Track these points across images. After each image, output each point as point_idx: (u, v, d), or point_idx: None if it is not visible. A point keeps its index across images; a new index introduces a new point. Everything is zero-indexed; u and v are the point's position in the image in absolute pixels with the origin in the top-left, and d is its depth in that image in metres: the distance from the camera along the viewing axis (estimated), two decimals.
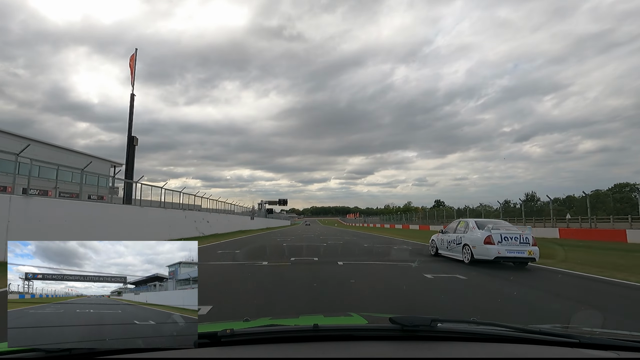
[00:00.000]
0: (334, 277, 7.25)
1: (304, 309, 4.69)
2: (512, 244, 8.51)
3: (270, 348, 1.09)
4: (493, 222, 9.71)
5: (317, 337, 1.15)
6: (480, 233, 8.96)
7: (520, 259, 8.53)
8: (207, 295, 5.11)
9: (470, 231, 9.40)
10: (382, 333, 1.22)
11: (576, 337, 1.21)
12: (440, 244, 10.96)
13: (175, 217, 20.80)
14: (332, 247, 15.60)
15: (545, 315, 4.50)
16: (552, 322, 2.39)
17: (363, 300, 5.41)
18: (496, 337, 1.22)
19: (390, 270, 8.60)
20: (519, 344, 1.20)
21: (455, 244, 9.97)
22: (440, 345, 1.17)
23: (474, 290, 6.17)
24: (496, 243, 8.48)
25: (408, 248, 15.21)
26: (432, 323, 1.18)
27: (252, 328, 1.22)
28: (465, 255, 9.24)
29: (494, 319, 2.99)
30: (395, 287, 6.35)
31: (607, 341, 1.20)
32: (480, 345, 1.19)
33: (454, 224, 10.63)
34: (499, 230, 8.71)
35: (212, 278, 7.10)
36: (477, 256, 8.82)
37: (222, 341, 1.06)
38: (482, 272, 7.95)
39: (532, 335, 1.22)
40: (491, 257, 8.45)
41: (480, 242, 8.74)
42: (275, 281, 6.83)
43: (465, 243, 9.35)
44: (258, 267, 9.07)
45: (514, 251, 8.45)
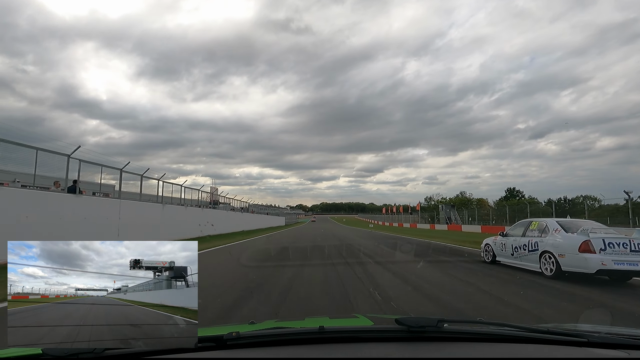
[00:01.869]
0: None
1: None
2: (621, 252, 6.20)
3: (276, 350, 1.08)
4: (584, 223, 7.58)
5: (323, 339, 1.14)
6: (570, 237, 6.72)
7: (635, 273, 6.26)
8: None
9: (552, 235, 7.17)
10: (388, 334, 1.21)
11: (585, 336, 1.19)
12: (501, 249, 8.75)
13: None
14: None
15: None
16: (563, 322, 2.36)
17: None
18: (504, 337, 1.21)
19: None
20: (526, 343, 1.18)
21: (526, 250, 7.73)
22: (447, 346, 1.16)
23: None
24: (598, 251, 6.22)
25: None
26: (439, 324, 1.18)
27: (257, 331, 1.21)
28: (546, 266, 7.04)
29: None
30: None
31: (616, 340, 1.18)
32: (488, 345, 1.18)
33: (522, 226, 8.46)
34: (600, 234, 6.47)
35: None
36: (566, 267, 6.61)
37: (228, 344, 1.06)
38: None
39: (540, 335, 1.21)
40: (591, 270, 6.19)
41: (572, 250, 6.50)
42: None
43: (546, 250, 7.11)
44: None
45: (624, 262, 6.12)
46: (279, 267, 8.47)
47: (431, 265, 9.24)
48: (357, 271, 7.72)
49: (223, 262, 10.34)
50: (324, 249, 13.09)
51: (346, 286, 6.01)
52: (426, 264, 9.19)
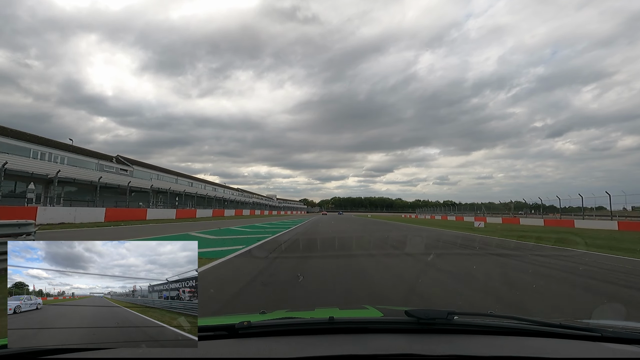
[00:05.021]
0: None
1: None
2: None
3: (287, 340, 1.11)
4: None
5: (333, 330, 1.16)
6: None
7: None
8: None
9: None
10: (398, 326, 1.21)
11: (598, 331, 1.16)
12: None
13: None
14: None
15: None
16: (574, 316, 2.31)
17: None
18: (515, 331, 1.20)
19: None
20: (538, 337, 1.16)
21: None
22: (458, 338, 1.14)
23: None
24: None
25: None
26: (449, 316, 1.17)
27: (268, 320, 1.23)
28: None
29: None
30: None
31: (630, 335, 1.15)
32: (499, 338, 1.16)
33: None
34: None
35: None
36: None
37: (239, 333, 1.10)
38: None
39: (552, 329, 1.18)
40: None
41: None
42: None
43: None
44: None
45: None
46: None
47: None
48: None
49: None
50: None
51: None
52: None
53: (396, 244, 12.20)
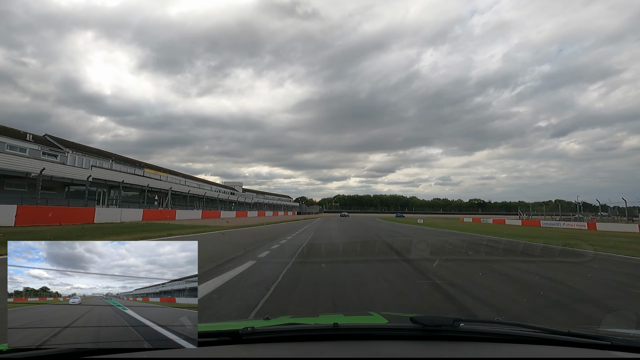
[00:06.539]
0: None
1: None
2: None
3: (291, 346, 1.09)
4: None
5: (338, 336, 1.15)
6: None
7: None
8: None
9: None
10: (403, 333, 1.19)
11: (608, 339, 1.13)
12: None
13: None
14: None
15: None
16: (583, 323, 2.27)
17: None
18: (521, 338, 1.17)
19: None
20: (546, 345, 1.13)
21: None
22: (464, 345, 1.12)
23: None
24: None
25: None
26: (455, 323, 1.15)
27: (272, 326, 1.22)
28: None
29: None
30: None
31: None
32: (505, 346, 1.14)
33: None
34: None
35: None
36: None
37: (243, 339, 1.08)
38: None
39: (560, 337, 1.15)
40: None
41: None
42: None
43: None
44: None
45: None
46: None
47: None
48: None
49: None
50: None
51: None
52: None
53: None
